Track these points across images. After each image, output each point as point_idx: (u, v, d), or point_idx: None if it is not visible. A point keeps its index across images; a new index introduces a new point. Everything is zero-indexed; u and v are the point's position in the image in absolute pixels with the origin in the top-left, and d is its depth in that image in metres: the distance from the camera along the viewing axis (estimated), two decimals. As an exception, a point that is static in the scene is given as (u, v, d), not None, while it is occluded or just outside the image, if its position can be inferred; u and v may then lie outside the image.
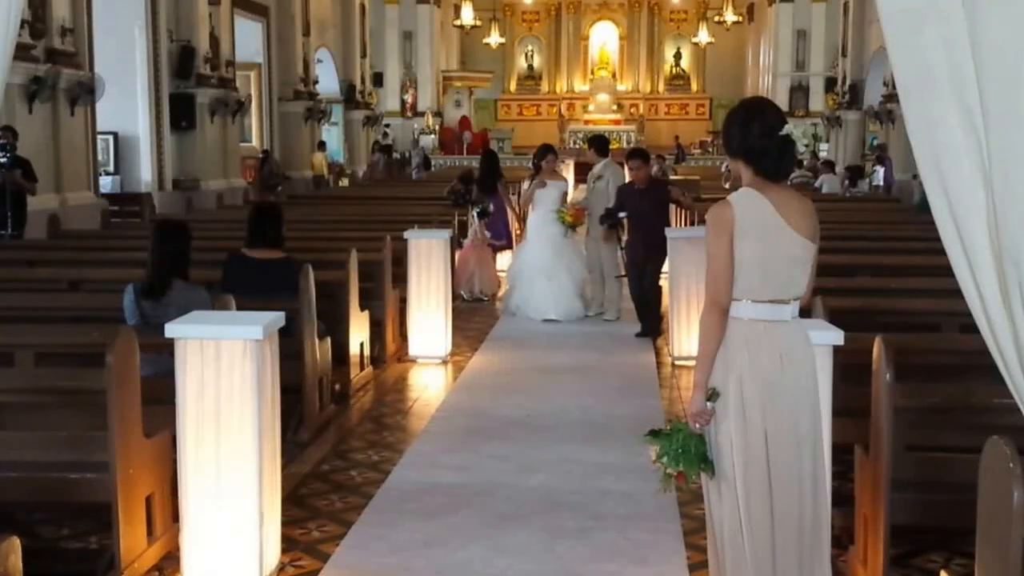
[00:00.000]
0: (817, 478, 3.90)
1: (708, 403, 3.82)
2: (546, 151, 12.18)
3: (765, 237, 3.76)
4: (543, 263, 11.55)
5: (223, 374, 4.62)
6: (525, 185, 12.15)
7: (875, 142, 26.34)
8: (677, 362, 9.27)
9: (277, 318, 4.87)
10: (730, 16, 37.38)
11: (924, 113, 2.60)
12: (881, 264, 8.79)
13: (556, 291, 11.49)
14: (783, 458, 3.79)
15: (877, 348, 4.64)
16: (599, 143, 12.26)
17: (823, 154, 29.17)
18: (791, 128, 3.82)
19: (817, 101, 35.64)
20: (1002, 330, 2.59)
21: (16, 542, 3.77)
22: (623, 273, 11.31)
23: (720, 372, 3.82)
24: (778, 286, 3.80)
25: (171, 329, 4.67)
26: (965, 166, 2.56)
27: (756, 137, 3.79)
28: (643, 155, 11.13)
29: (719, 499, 3.88)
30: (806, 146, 31.79)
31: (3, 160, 11.57)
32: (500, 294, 12.88)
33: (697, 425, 3.85)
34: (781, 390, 3.78)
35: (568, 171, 25.57)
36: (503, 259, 13.85)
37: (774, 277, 3.79)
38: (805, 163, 25.47)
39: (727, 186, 17.95)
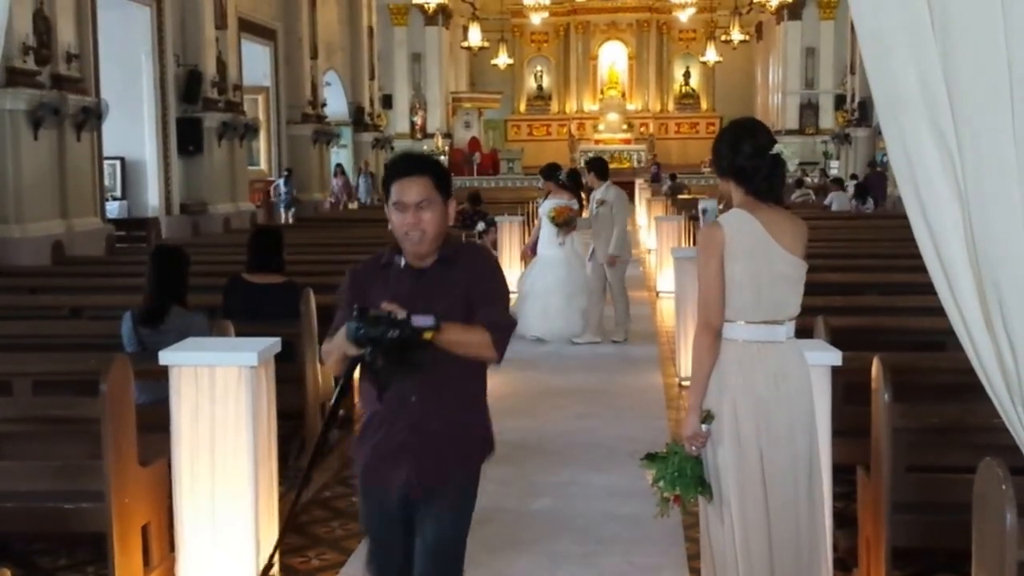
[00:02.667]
0: (814, 498, 3.90)
1: (703, 425, 3.82)
2: (557, 168, 12.04)
3: (756, 257, 3.77)
4: (550, 283, 11.30)
5: (218, 401, 4.59)
6: (540, 200, 12.05)
7: (883, 159, 26.27)
8: (684, 383, 9.19)
9: (272, 344, 4.84)
10: (737, 35, 37.40)
11: (899, 132, 2.61)
12: (889, 282, 8.70)
13: (560, 311, 11.22)
14: (779, 478, 3.79)
15: (875, 368, 4.61)
16: (598, 166, 11.83)
17: (833, 171, 29.12)
18: (781, 148, 3.83)
19: (827, 118, 35.63)
20: (986, 351, 2.57)
21: (7, 574, 3.73)
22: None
23: (715, 394, 3.83)
24: (771, 306, 3.81)
25: (165, 356, 4.64)
26: (940, 184, 2.57)
27: (746, 157, 3.81)
28: (428, 165, 3.73)
29: (719, 522, 3.88)
30: (798, 165, 31.69)
31: None
32: None
33: (693, 448, 3.85)
34: (775, 410, 3.79)
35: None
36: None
37: (767, 297, 3.80)
38: (808, 181, 25.39)
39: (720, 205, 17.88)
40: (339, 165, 26.96)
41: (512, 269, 14.29)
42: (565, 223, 11.38)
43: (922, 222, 2.69)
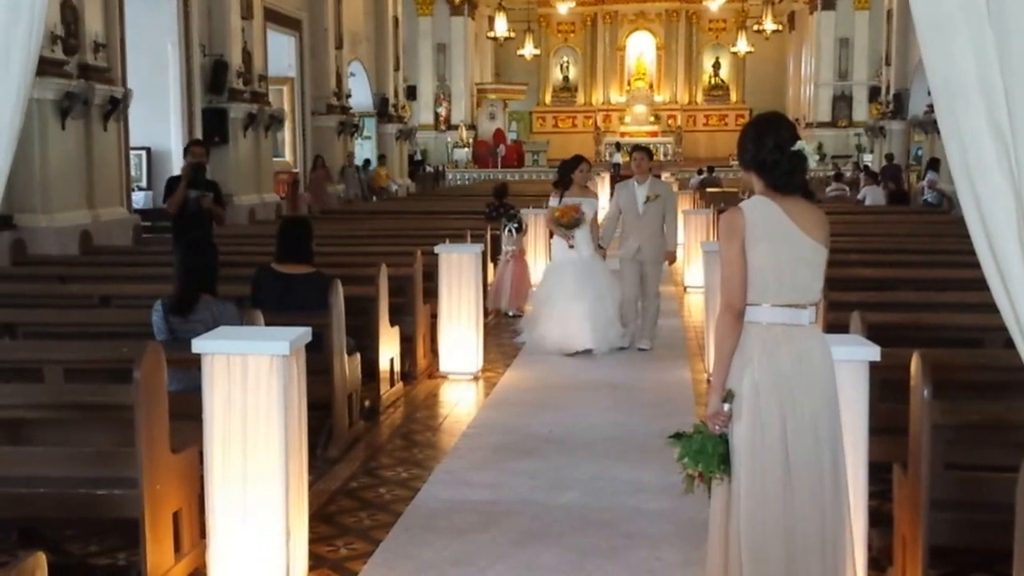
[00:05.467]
0: (838, 482, 3.96)
1: (724, 404, 3.92)
2: (578, 161, 10.83)
3: (778, 240, 3.89)
4: (570, 289, 10.32)
5: (250, 389, 4.60)
6: (552, 202, 10.75)
7: (918, 152, 26.02)
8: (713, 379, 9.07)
9: (304, 333, 4.84)
10: (770, 25, 37.14)
11: (955, 123, 2.57)
12: (925, 278, 8.63)
13: (587, 319, 10.25)
14: (803, 460, 3.86)
15: (915, 364, 4.57)
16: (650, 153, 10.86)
17: (868, 164, 28.85)
18: (803, 144, 3.94)
19: (860, 111, 35.38)
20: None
21: (42, 557, 3.74)
22: None
23: (736, 374, 3.93)
24: (794, 290, 3.91)
25: (198, 344, 4.65)
26: (996, 176, 2.53)
27: (769, 151, 3.93)
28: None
29: (736, 500, 3.93)
30: (831, 158, 31.48)
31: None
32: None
33: (716, 427, 3.95)
34: (799, 390, 3.88)
35: (602, 185, 25.21)
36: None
37: (789, 280, 3.90)
38: (846, 176, 25.16)
39: (744, 196, 17.80)
40: (319, 157, 23.92)
41: (540, 265, 14.16)
42: (570, 225, 10.44)
43: (976, 216, 2.64)
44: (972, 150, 2.54)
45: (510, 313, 12.59)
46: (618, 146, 35.29)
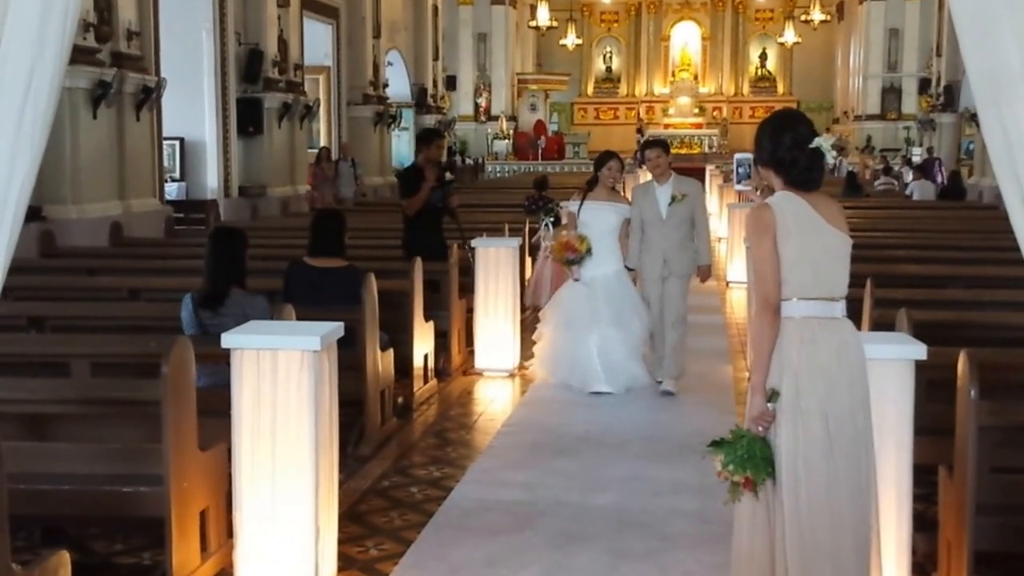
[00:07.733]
0: (870, 475, 3.94)
1: (768, 404, 3.86)
2: (606, 158, 8.97)
3: (808, 234, 3.88)
4: (589, 315, 8.66)
5: (280, 385, 4.53)
6: (572, 206, 9.06)
7: (970, 146, 25.58)
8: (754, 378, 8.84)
9: (336, 328, 4.77)
10: (818, 15, 36.77)
11: (999, 116, 2.45)
12: (974, 275, 8.48)
13: (598, 354, 8.59)
14: (845, 451, 3.84)
15: (962, 363, 4.49)
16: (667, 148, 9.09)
17: (916, 159, 28.47)
18: (821, 140, 3.94)
19: (910, 103, 34.97)
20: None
21: (66, 556, 3.74)
22: None
23: (776, 372, 3.88)
24: (827, 283, 3.91)
25: (227, 339, 4.59)
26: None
27: (786, 149, 3.93)
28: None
29: (779, 500, 3.87)
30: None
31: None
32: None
33: (760, 428, 3.89)
34: (839, 382, 3.87)
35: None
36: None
37: (822, 273, 3.90)
38: (895, 170, 24.85)
39: (758, 193, 17.51)
40: (323, 149, 21.64)
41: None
42: (567, 263, 8.87)
43: (1021, 209, 2.52)
44: (1017, 143, 2.42)
45: None
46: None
